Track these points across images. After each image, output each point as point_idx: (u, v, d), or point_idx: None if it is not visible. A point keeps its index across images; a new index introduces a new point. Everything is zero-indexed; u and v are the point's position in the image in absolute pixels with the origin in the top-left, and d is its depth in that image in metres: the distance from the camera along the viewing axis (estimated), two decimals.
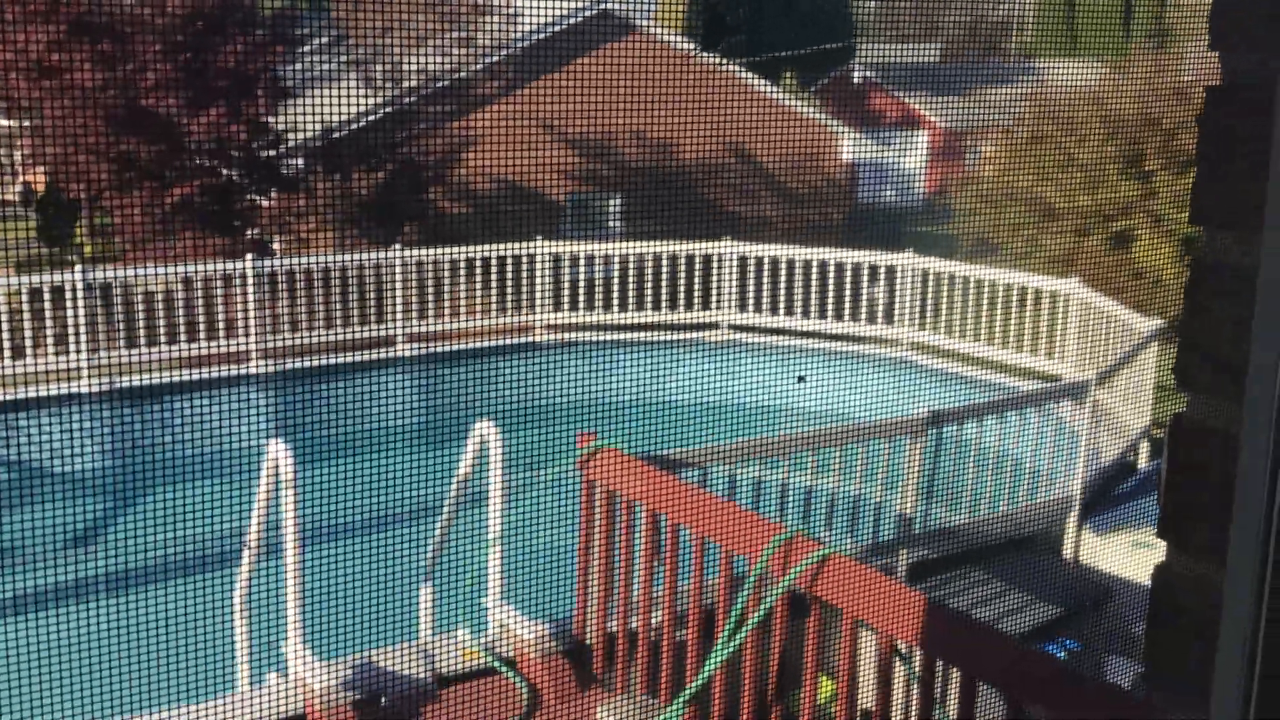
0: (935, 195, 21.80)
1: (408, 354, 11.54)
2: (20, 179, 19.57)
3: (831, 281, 12.53)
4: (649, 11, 22.10)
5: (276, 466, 6.29)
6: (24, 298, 10.36)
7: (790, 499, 7.26)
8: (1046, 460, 8.59)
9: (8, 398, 9.97)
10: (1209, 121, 1.21)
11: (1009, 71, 23.69)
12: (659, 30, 18.37)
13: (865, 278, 12.54)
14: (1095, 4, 24.89)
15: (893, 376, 12.10)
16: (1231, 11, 1.17)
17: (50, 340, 10.41)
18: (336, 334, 11.35)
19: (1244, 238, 1.14)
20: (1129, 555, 7.91)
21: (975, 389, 11.68)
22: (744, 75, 18.49)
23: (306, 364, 11.13)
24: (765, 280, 12.65)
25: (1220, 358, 1.16)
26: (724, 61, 18.58)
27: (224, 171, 14.35)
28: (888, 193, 22.54)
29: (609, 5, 17.31)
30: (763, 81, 18.90)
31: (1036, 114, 16.53)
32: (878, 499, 7.67)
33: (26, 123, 14.46)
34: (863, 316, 12.60)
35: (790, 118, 19.08)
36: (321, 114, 15.12)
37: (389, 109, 15.52)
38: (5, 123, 16.64)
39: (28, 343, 10.37)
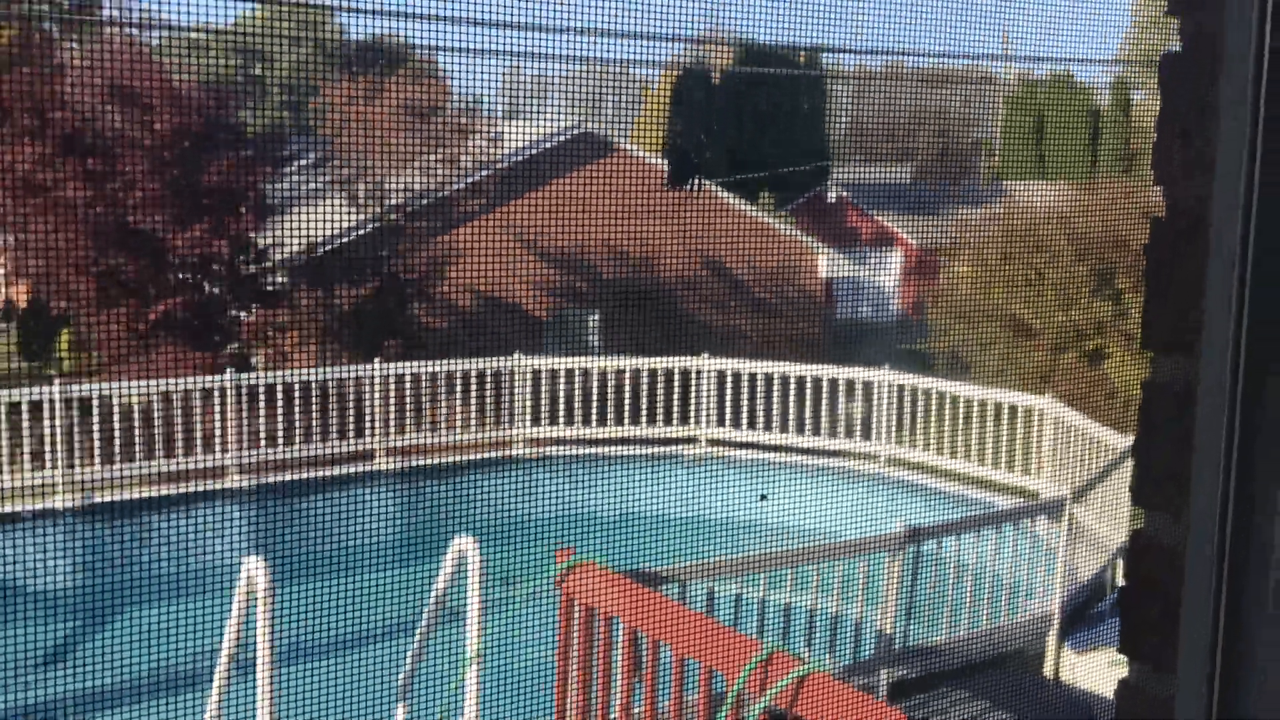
0: (910, 312, 22.10)
1: (387, 468, 11.52)
2: (1, 293, 19.64)
3: (809, 396, 12.63)
4: (628, 133, 22.60)
5: (252, 583, 6.25)
6: (1, 412, 10.33)
7: (769, 615, 7.23)
8: (1025, 577, 8.59)
9: None
10: (1153, 250, 1.29)
11: (980, 193, 24.24)
12: (638, 150, 18.77)
13: (842, 393, 12.65)
14: (1062, 130, 25.59)
15: (870, 491, 12.13)
16: (1168, 150, 1.25)
17: (27, 455, 10.36)
18: (316, 448, 11.33)
19: (1188, 361, 1.20)
20: (1108, 673, 7.88)
21: (953, 504, 11.71)
22: (722, 194, 18.86)
23: (285, 479, 11.10)
24: (744, 395, 12.74)
25: (1170, 476, 1.22)
26: (702, 180, 18.96)
27: (207, 287, 14.46)
28: (864, 309, 22.83)
29: (590, 127, 17.71)
30: (740, 200, 19.27)
31: (1007, 233, 16.88)
32: (857, 616, 7.65)
33: (10, 237, 14.58)
34: (840, 431, 12.68)
35: (768, 235, 19.41)
36: (306, 230, 15.31)
37: (373, 225, 15.74)
38: None
39: (3, 458, 10.31)
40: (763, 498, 10.68)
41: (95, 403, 10.69)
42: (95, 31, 16.66)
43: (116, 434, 10.64)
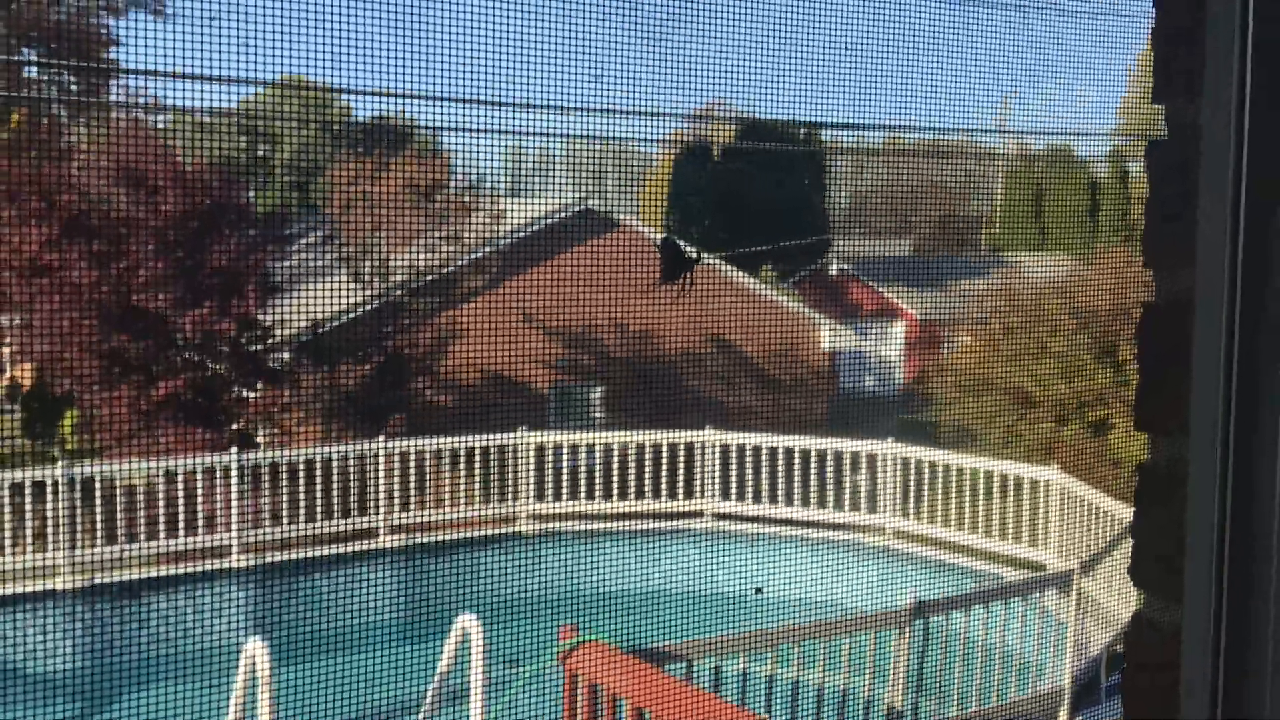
0: (914, 384, 22.10)
1: (390, 546, 11.47)
2: (6, 374, 19.71)
3: (814, 469, 12.60)
4: (630, 208, 22.81)
5: (253, 665, 6.21)
6: (4, 493, 10.32)
7: (777, 693, 7.15)
8: (1035, 651, 8.50)
9: None
10: (1143, 333, 1.30)
11: (981, 264, 24.36)
12: (641, 225, 18.92)
13: (847, 465, 12.61)
14: (1062, 202, 25.79)
15: (876, 565, 12.05)
16: (1155, 235, 1.27)
17: (29, 537, 10.33)
18: (319, 526, 11.29)
19: (1180, 444, 1.21)
20: None
21: (960, 577, 11.62)
22: (724, 268, 18.98)
23: (288, 557, 11.04)
24: (748, 468, 12.71)
25: (1166, 558, 1.22)
26: (704, 255, 19.08)
27: (211, 366, 14.51)
28: (868, 381, 22.84)
29: (592, 203, 17.88)
30: (742, 274, 19.38)
31: (1009, 305, 16.95)
32: (866, 692, 7.57)
33: (15, 319, 14.66)
34: (846, 504, 12.62)
35: (770, 308, 19.49)
36: (310, 308, 15.40)
37: (376, 303, 15.82)
38: None
39: (6, 539, 10.28)
40: (758, 590, 10.58)
41: (98, 482, 10.67)
42: (103, 114, 16.91)
43: (119, 514, 10.61)
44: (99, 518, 10.55)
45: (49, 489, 10.41)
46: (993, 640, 8.11)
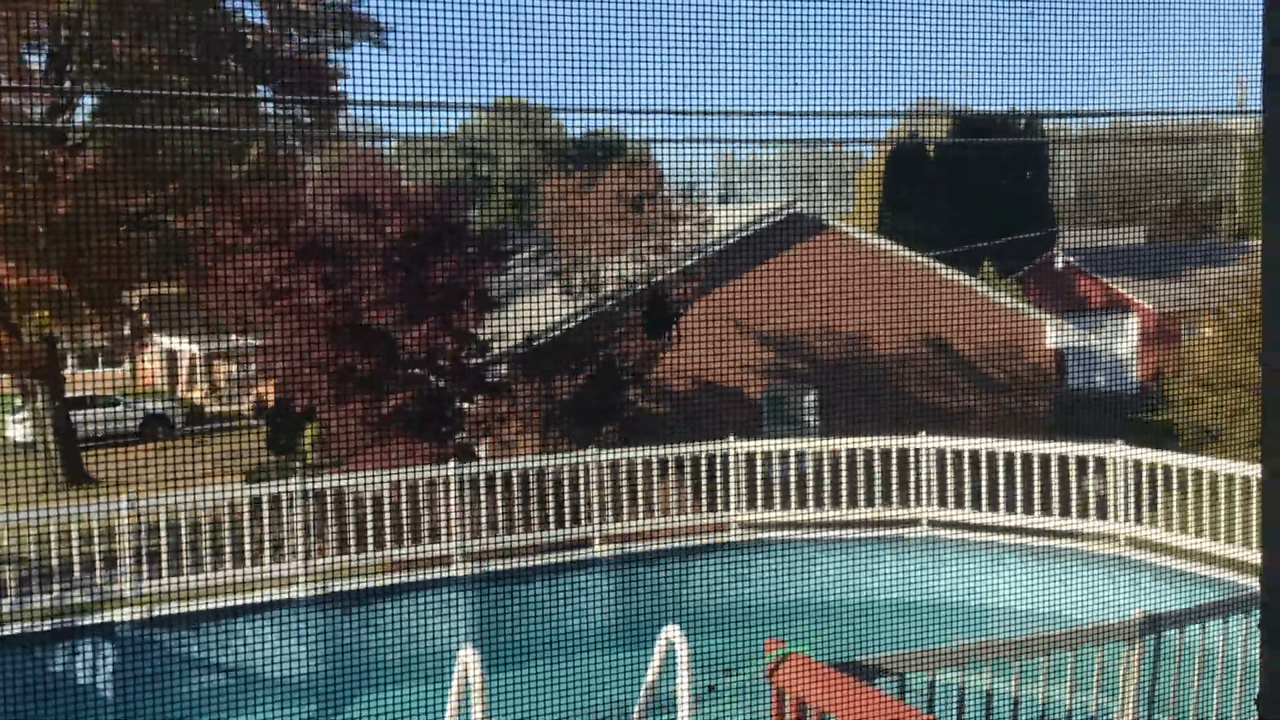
0: (1150, 381, 20.93)
1: (603, 555, 11.61)
2: (253, 392, 21.01)
3: (1037, 474, 12.07)
4: (842, 210, 22.47)
5: (467, 673, 6.36)
6: (246, 506, 10.98)
7: (996, 711, 6.85)
8: None
9: (224, 605, 10.46)
10: None
11: (1221, 251, 22.87)
12: (851, 228, 18.60)
13: (1074, 469, 12.02)
14: None
15: (1107, 575, 11.43)
16: None
17: (268, 547, 10.94)
18: (535, 536, 11.54)
19: None
20: None
21: (1200, 587, 10.90)
22: (939, 268, 18.45)
23: (505, 566, 11.33)
24: (966, 475, 12.28)
25: None
26: (920, 255, 18.62)
27: (434, 380, 15.06)
28: (1098, 379, 21.78)
29: (801, 207, 17.69)
30: (959, 273, 18.80)
31: (1253, 293, 15.84)
32: (1093, 712, 7.16)
33: (259, 341, 15.60)
34: (1073, 511, 12.03)
35: (990, 308, 18.83)
36: (525, 322, 15.79)
37: (589, 315, 16.09)
38: (241, 341, 18.00)
39: (248, 549, 10.92)
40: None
41: (330, 495, 11.22)
42: (332, 144, 17.80)
43: (351, 524, 11.12)
44: (333, 528, 11.09)
45: (286, 501, 10.99)
46: (1234, 656, 7.54)
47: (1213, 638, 7.52)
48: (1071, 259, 24.11)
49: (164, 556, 10.60)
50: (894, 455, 12.37)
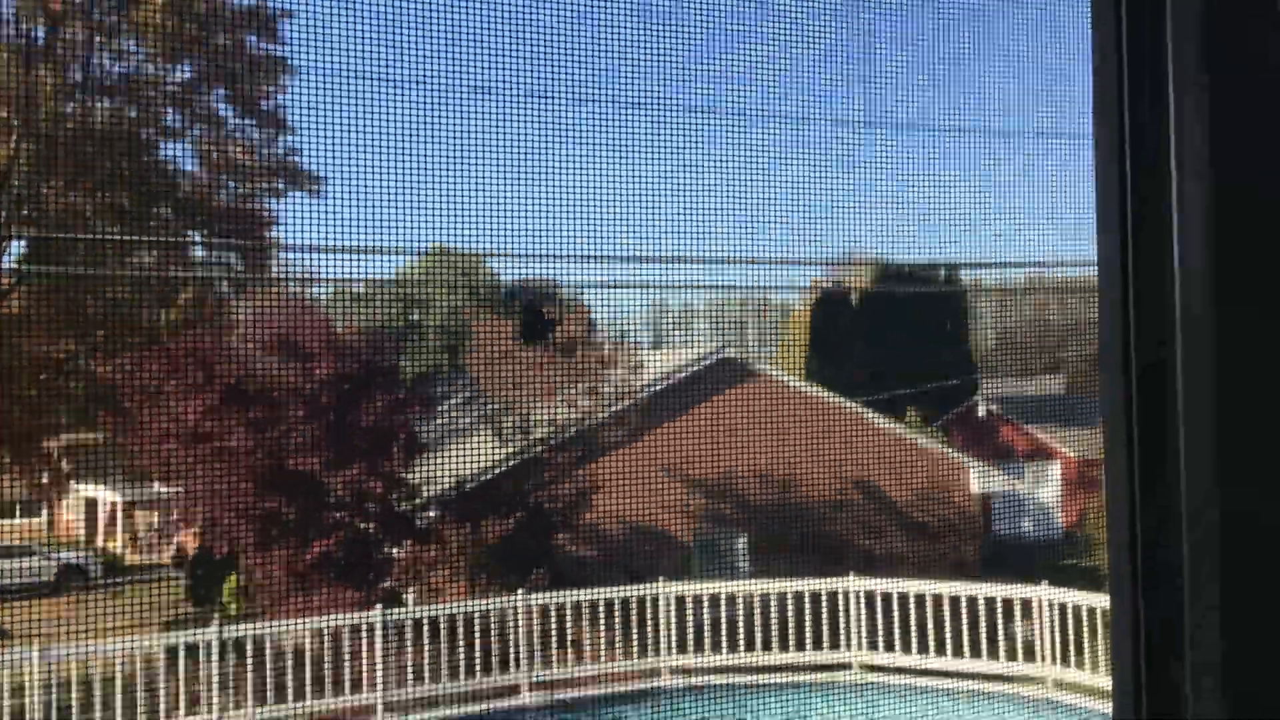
0: (1074, 527, 21.23)
1: (532, 702, 11.37)
2: (174, 541, 20.52)
3: (965, 616, 12.10)
4: (769, 356, 22.85)
5: None
6: (162, 657, 10.64)
7: None
8: None
9: None
10: None
11: None
12: (780, 373, 18.89)
13: (1000, 612, 12.08)
14: None
15: (1036, 717, 11.40)
16: None
17: (182, 701, 10.57)
18: (462, 684, 11.28)
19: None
20: None
21: None
22: (866, 413, 18.74)
23: (431, 715, 11.04)
24: (896, 617, 12.28)
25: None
26: (846, 400, 18.91)
27: (361, 525, 14.85)
28: (1024, 524, 22.04)
29: (731, 352, 17.97)
30: (886, 418, 19.10)
31: None
32: None
33: (179, 488, 15.32)
34: (1001, 653, 12.05)
35: (916, 452, 19.09)
36: (455, 466, 15.71)
37: (519, 459, 16.06)
38: (161, 489, 17.66)
39: (162, 706, 10.54)
40: None
41: (250, 645, 10.92)
42: (262, 288, 17.85)
43: (269, 676, 10.79)
44: (251, 680, 10.75)
45: (203, 651, 10.67)
46: None
47: None
48: (994, 407, 24.63)
49: (74, 713, 10.19)
50: (824, 597, 12.36)
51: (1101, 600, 11.87)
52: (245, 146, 18.80)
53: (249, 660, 10.79)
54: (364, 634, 11.21)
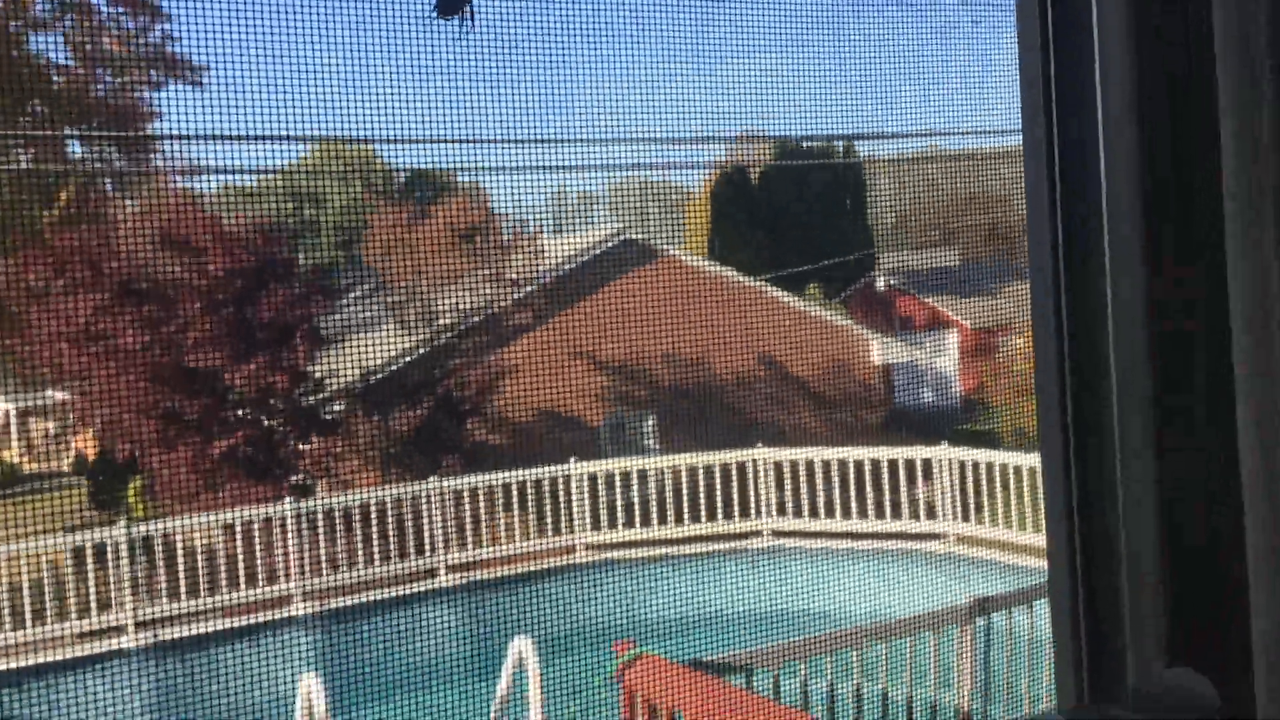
0: (972, 392, 21.83)
1: (450, 584, 11.47)
2: (73, 447, 20.08)
3: (870, 480, 12.45)
4: (672, 237, 22.84)
5: (310, 702, 6.21)
6: (70, 559, 10.48)
7: (840, 702, 7.02)
8: None
9: (51, 659, 9.95)
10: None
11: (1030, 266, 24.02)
12: (683, 253, 18.92)
13: (903, 474, 12.45)
14: None
15: (940, 572, 11.84)
16: None
17: (94, 600, 10.46)
18: (379, 570, 11.33)
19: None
20: None
21: (1028, 578, 11.38)
22: (769, 290, 18.91)
23: (349, 602, 11.08)
24: (803, 484, 12.58)
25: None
26: (749, 278, 19.05)
27: (266, 421, 14.67)
28: (924, 393, 22.60)
29: (633, 234, 17.92)
30: (788, 294, 19.30)
31: None
32: (932, 697, 7.41)
33: (75, 390, 14.94)
34: (905, 513, 12.45)
35: (819, 326, 19.37)
36: (360, 358, 15.55)
37: (425, 348, 15.95)
38: (57, 395, 17.20)
39: (73, 604, 10.42)
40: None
41: (160, 543, 10.80)
42: (146, 183, 17.26)
43: (182, 571, 10.72)
44: (163, 576, 10.67)
45: (112, 550, 10.55)
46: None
47: (1040, 619, 7.88)
48: (893, 280, 25.02)
49: None
50: (734, 470, 12.60)
51: (997, 456, 12.29)
52: (119, 36, 18.00)
53: (159, 558, 10.69)
54: (276, 527, 11.16)
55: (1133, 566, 1.02)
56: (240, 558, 10.98)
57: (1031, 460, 12.04)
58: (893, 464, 12.46)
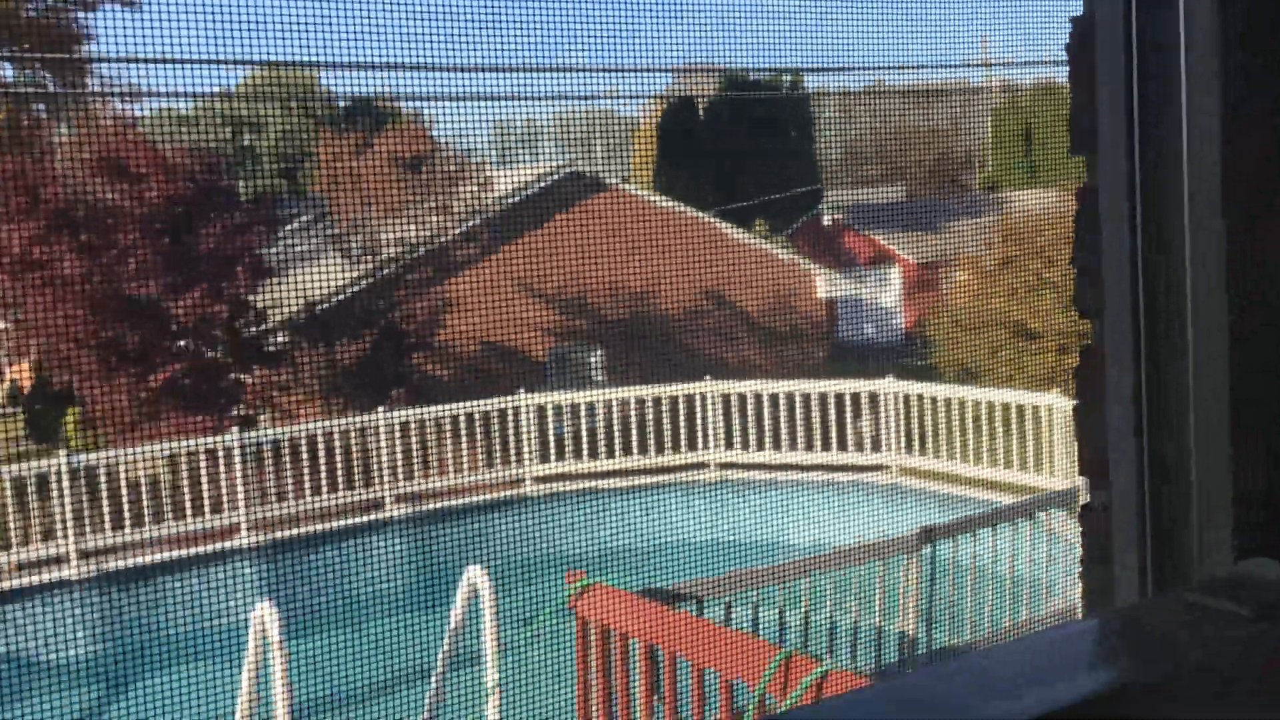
0: (915, 327, 22.06)
1: (398, 515, 11.47)
2: (5, 376, 19.70)
3: (815, 413, 12.58)
4: (618, 170, 22.70)
5: (264, 629, 6.21)
6: (9, 490, 10.33)
7: (789, 630, 7.15)
8: (1045, 573, 8.50)
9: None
10: (1077, 223, 1.27)
11: (974, 204, 24.26)
12: (630, 186, 18.83)
13: (849, 406, 12.59)
14: (1050, 138, 25.67)
15: (885, 503, 12.05)
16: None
17: (39, 530, 10.34)
18: (325, 500, 11.30)
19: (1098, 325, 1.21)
20: None
21: (969, 509, 11.61)
22: (716, 223, 18.90)
23: (296, 532, 11.05)
24: (750, 416, 12.69)
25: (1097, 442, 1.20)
26: (697, 212, 19.02)
27: (208, 351, 14.49)
28: (868, 328, 22.80)
29: (580, 166, 17.79)
30: (735, 228, 19.31)
31: (1004, 240, 16.88)
32: (878, 623, 7.56)
33: (10, 319, 14.64)
34: (850, 445, 12.61)
35: (765, 261, 19.43)
36: (304, 289, 15.35)
37: (370, 279, 15.78)
38: None
39: (14, 535, 10.30)
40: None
41: (103, 474, 10.68)
42: (81, 107, 16.81)
43: (125, 502, 10.62)
44: (107, 507, 10.56)
45: (54, 481, 10.41)
46: (1003, 565, 8.10)
47: (983, 549, 8.06)
48: (838, 214, 25.11)
49: None
50: (680, 402, 12.67)
51: (939, 390, 12.47)
52: None
53: (103, 490, 10.57)
54: (221, 458, 11.07)
55: (1202, 459, 1.01)
56: (186, 489, 10.89)
57: (973, 393, 12.24)
58: (839, 397, 12.60)
